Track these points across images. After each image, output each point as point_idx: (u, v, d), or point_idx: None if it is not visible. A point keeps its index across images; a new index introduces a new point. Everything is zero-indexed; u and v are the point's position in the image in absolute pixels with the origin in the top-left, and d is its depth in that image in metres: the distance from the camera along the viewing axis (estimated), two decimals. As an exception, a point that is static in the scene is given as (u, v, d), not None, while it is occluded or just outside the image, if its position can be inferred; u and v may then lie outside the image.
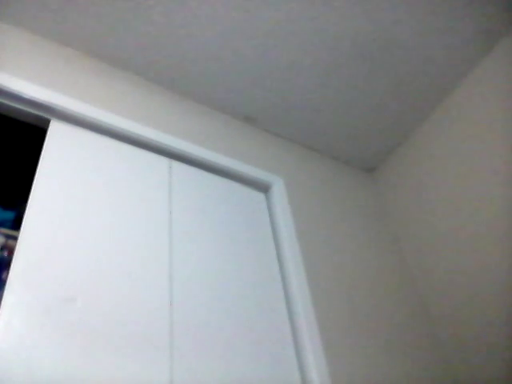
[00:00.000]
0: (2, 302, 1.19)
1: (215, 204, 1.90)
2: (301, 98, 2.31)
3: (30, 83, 1.70)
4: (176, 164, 1.91)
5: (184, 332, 1.42)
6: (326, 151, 2.59)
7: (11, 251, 1.51)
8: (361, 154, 2.63)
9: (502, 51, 2.14)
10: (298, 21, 1.99)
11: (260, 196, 2.10)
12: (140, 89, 2.09)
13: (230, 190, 2.01)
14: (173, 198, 1.76)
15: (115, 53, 2.03)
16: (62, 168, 1.57)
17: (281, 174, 2.20)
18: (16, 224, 1.68)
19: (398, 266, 2.29)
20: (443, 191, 2.25)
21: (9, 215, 1.79)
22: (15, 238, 1.45)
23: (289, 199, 2.10)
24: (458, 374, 1.93)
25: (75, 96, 1.78)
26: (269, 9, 1.94)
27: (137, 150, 1.83)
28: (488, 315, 1.89)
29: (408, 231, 2.39)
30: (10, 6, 1.83)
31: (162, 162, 1.88)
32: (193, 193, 1.86)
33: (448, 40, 2.12)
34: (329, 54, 2.13)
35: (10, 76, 1.67)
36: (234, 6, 1.92)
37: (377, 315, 1.96)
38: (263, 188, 2.12)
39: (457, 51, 2.17)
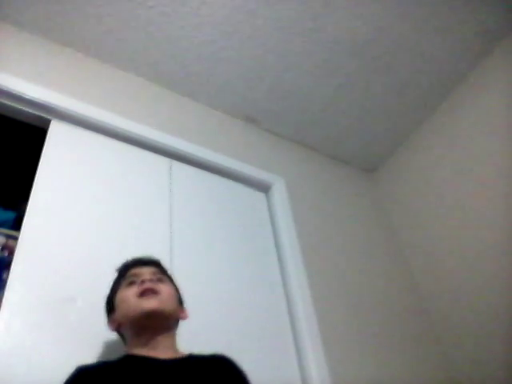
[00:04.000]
0: (2, 302, 1.19)
1: (215, 204, 1.90)
2: (301, 98, 2.31)
3: (30, 83, 1.70)
4: (176, 164, 1.91)
5: (184, 331, 1.42)
6: (327, 151, 2.59)
7: (11, 251, 1.51)
8: (361, 155, 2.63)
9: (503, 52, 2.14)
10: (298, 21, 1.99)
11: (260, 196, 2.10)
12: (140, 89, 2.09)
13: (230, 190, 2.00)
14: (173, 198, 1.76)
15: (115, 53, 2.03)
16: (62, 168, 1.57)
17: (281, 173, 2.20)
18: (16, 224, 1.68)
19: (398, 265, 2.29)
20: (444, 191, 2.25)
21: (9, 215, 1.79)
22: (15, 238, 1.45)
23: (289, 199, 2.10)
24: (459, 373, 1.93)
25: (75, 96, 1.78)
26: (269, 9, 1.94)
27: (137, 150, 1.83)
28: (489, 314, 1.89)
29: (408, 231, 2.39)
30: (10, 6, 1.83)
31: (162, 161, 1.88)
32: (193, 193, 1.86)
33: (448, 40, 2.12)
34: (329, 53, 2.13)
35: (10, 76, 1.67)
36: (234, 6, 1.92)
37: (377, 315, 1.96)
38: (264, 188, 2.12)
39: (457, 51, 2.17)
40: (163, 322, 1.02)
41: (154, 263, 1.13)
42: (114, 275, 1.16)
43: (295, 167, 2.36)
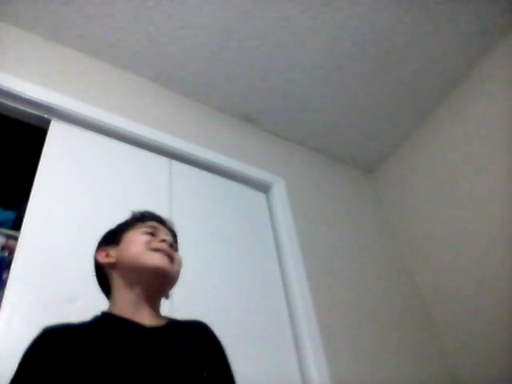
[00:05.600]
0: (3, 302, 1.19)
1: (215, 204, 1.90)
2: (301, 98, 2.31)
3: (30, 83, 1.70)
4: (176, 164, 1.91)
5: (184, 332, 1.42)
6: (326, 151, 2.59)
7: (12, 251, 1.51)
8: (361, 155, 2.63)
9: (502, 51, 2.14)
10: (298, 21, 1.99)
11: (260, 196, 2.10)
12: (140, 89, 2.09)
13: (230, 190, 2.01)
14: (173, 198, 1.76)
15: (115, 53, 2.03)
16: (62, 168, 1.57)
17: (281, 174, 2.20)
18: (16, 224, 1.68)
19: (398, 265, 2.29)
20: (442, 192, 2.25)
21: (9, 215, 1.79)
22: (16, 239, 1.45)
23: (289, 199, 2.10)
24: (459, 373, 1.93)
25: (75, 96, 1.78)
26: (269, 9, 1.94)
27: (137, 150, 1.83)
28: (488, 315, 1.89)
29: (407, 231, 2.39)
30: (11, 6, 1.83)
31: (162, 161, 1.88)
32: (193, 193, 1.86)
33: (448, 40, 2.12)
34: (329, 53, 2.13)
35: (10, 76, 1.67)
36: (234, 6, 1.92)
37: (377, 315, 1.96)
38: (263, 188, 2.12)
39: (457, 51, 2.17)
40: (166, 288, 0.98)
41: (172, 230, 1.09)
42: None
43: (295, 167, 2.36)
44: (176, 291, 1.48)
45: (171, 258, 0.96)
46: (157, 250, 0.95)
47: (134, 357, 0.80)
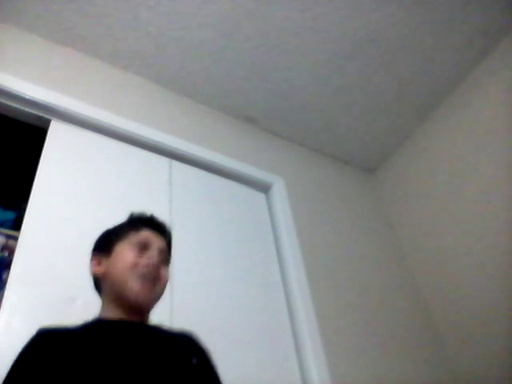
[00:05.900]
0: (3, 302, 1.19)
1: (215, 204, 1.90)
2: (301, 98, 2.31)
3: (30, 83, 1.70)
4: (176, 164, 1.91)
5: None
6: (326, 151, 2.59)
7: (12, 251, 1.51)
8: (361, 155, 2.63)
9: (502, 52, 2.14)
10: (298, 21, 1.99)
11: (260, 196, 2.10)
12: (140, 89, 2.09)
13: (230, 190, 2.01)
14: (173, 197, 1.76)
15: (115, 53, 2.03)
16: (62, 168, 1.57)
17: (281, 174, 2.20)
18: (16, 224, 1.68)
19: (398, 265, 2.29)
20: (443, 192, 2.25)
21: (9, 215, 1.79)
22: (15, 239, 1.45)
23: (289, 199, 2.10)
24: (459, 373, 1.93)
25: (75, 96, 1.78)
26: (269, 9, 1.94)
27: (137, 150, 1.83)
28: (489, 315, 1.88)
29: (408, 231, 2.39)
30: (11, 6, 1.83)
31: (162, 161, 1.88)
32: (193, 193, 1.86)
33: (448, 40, 2.12)
34: (329, 53, 2.13)
35: (10, 76, 1.67)
36: (234, 6, 1.92)
37: (377, 315, 1.96)
38: (263, 188, 2.12)
39: (457, 51, 2.17)
40: (146, 311, 0.99)
41: (167, 236, 1.08)
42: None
43: (295, 167, 2.36)
44: (176, 292, 1.49)
45: (156, 279, 0.97)
46: (143, 268, 0.96)
47: (124, 347, 0.84)
